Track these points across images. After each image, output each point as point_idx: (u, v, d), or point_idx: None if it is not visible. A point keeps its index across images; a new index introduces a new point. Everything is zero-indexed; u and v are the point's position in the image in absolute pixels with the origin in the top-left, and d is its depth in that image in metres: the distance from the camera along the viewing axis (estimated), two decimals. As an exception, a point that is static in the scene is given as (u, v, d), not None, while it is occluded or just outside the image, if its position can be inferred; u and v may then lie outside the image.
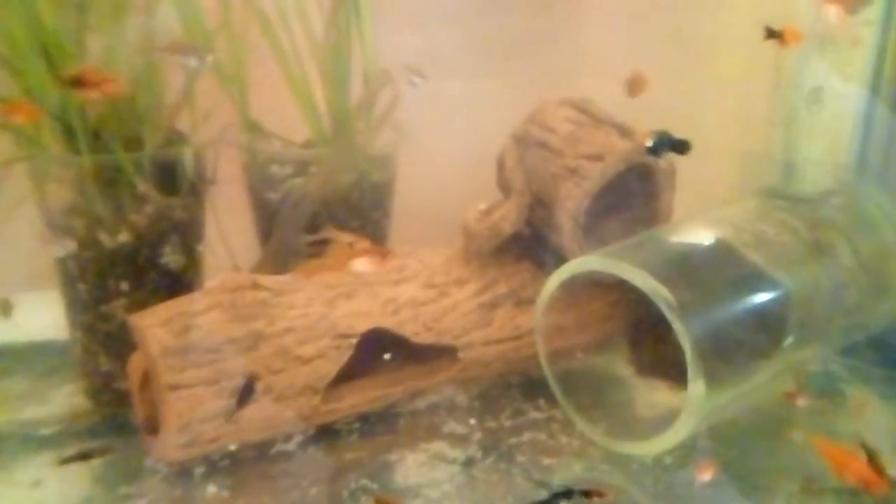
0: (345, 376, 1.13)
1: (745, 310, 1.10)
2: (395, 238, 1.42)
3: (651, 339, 1.25)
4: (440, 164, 1.44)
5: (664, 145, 1.08)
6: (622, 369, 1.28)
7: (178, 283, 1.19)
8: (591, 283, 1.18)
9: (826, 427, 1.21)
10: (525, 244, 1.27)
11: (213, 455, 1.09)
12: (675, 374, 1.06)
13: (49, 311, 1.22)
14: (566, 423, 1.18)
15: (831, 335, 1.25)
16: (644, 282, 1.03)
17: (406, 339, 1.16)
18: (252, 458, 1.11)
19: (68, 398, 1.24)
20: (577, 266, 1.12)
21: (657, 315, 1.01)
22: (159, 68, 1.16)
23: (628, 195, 1.25)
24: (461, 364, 1.19)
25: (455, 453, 1.12)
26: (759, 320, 1.11)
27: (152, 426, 1.06)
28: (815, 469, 1.06)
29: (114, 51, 1.09)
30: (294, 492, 1.05)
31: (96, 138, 1.11)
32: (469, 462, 1.10)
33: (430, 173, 1.42)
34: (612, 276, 1.07)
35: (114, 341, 1.16)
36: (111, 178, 1.13)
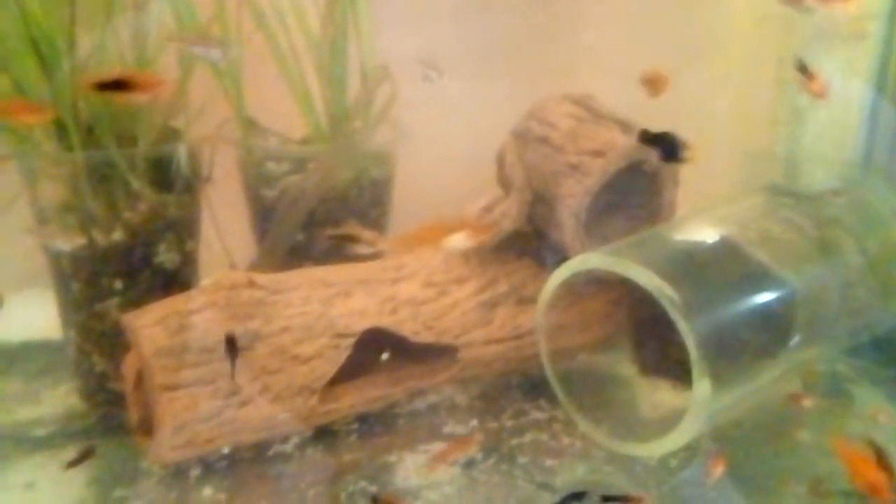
0: (343, 376, 1.12)
1: (750, 309, 1.09)
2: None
3: (655, 338, 1.24)
4: (439, 161, 1.43)
5: (664, 144, 1.06)
6: (625, 369, 1.27)
7: (173, 281, 1.18)
8: (593, 282, 1.16)
9: (833, 428, 1.20)
10: (526, 242, 1.26)
11: (210, 456, 1.08)
12: (679, 373, 1.06)
13: (42, 310, 1.21)
14: (568, 423, 1.17)
15: (838, 335, 1.24)
16: (648, 280, 1.02)
17: (405, 339, 1.14)
18: (249, 460, 1.10)
19: (62, 399, 1.24)
20: (578, 264, 1.11)
21: (661, 314, 1.00)
22: (152, 64, 1.14)
23: (630, 192, 1.23)
24: (461, 364, 1.18)
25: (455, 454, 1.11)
26: (764, 319, 1.10)
27: (147, 427, 1.05)
28: (822, 471, 1.06)
29: (105, 47, 1.08)
30: (292, 494, 1.03)
31: (89, 135, 1.10)
32: (470, 463, 1.09)
33: (429, 170, 1.41)
34: (615, 274, 1.06)
35: (108, 341, 1.15)
36: (105, 175, 1.12)
